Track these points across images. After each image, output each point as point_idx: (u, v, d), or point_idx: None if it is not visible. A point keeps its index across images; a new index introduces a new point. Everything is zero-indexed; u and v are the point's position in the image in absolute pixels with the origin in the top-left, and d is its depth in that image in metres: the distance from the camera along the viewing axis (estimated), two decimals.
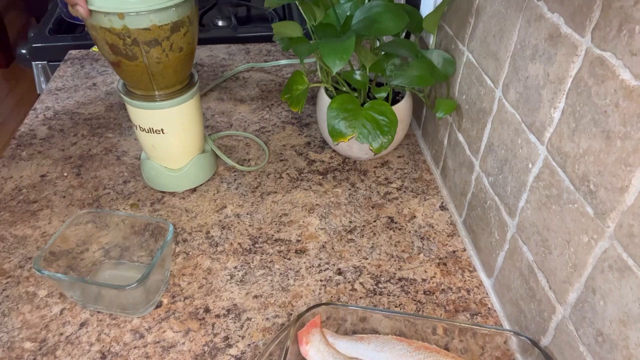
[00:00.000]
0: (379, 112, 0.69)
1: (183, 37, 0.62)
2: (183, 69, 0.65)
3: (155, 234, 0.60)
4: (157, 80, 0.64)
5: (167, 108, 0.67)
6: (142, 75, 0.63)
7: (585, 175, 0.42)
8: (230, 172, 0.79)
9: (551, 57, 0.46)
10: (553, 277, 0.48)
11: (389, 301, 0.60)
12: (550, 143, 0.47)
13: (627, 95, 0.37)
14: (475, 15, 0.62)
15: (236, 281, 0.62)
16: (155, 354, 0.54)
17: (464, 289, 0.62)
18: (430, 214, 0.72)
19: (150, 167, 0.74)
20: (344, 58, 0.60)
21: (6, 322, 0.57)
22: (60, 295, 0.60)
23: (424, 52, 0.70)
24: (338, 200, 0.74)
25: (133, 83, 0.65)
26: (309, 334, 0.51)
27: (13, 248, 0.66)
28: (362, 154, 0.79)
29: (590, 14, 0.41)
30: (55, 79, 1.03)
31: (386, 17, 0.66)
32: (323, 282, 0.62)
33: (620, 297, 0.39)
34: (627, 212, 0.38)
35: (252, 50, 1.14)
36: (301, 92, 0.73)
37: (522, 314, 0.54)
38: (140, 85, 0.65)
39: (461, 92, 0.68)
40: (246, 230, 0.69)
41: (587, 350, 0.43)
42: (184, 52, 0.63)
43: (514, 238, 0.55)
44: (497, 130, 0.58)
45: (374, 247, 0.67)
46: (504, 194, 0.57)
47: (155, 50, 0.61)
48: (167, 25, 0.59)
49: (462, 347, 0.51)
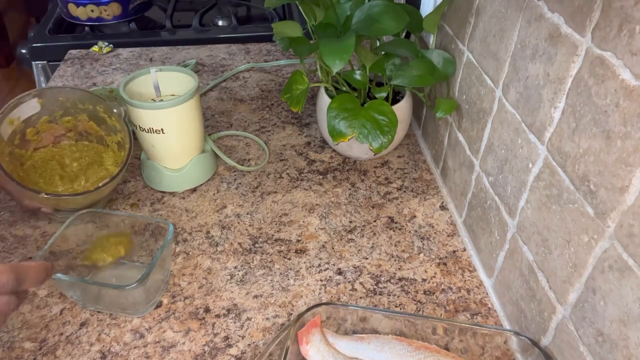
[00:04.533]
0: (379, 112, 0.69)
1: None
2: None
3: (155, 234, 0.60)
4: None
5: (167, 108, 0.67)
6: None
7: (585, 175, 0.42)
8: (230, 172, 0.79)
9: (551, 57, 0.46)
10: (553, 277, 0.48)
11: (389, 301, 0.60)
12: (551, 143, 0.47)
13: (628, 95, 0.37)
14: (476, 15, 0.62)
15: (236, 281, 0.62)
16: (155, 353, 0.54)
17: (464, 289, 0.62)
18: (431, 214, 0.72)
19: (150, 167, 0.74)
20: (344, 58, 0.60)
21: (6, 322, 0.57)
22: (60, 295, 0.60)
23: (424, 52, 0.70)
24: (338, 200, 0.74)
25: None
26: (309, 333, 0.51)
27: (13, 248, 0.66)
28: (362, 154, 0.79)
29: (590, 13, 0.41)
30: (55, 79, 1.03)
31: (386, 17, 0.66)
32: (323, 282, 0.62)
33: (620, 297, 0.39)
34: (627, 212, 0.38)
35: (252, 50, 1.14)
36: (301, 92, 0.73)
37: (522, 314, 0.54)
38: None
39: (461, 92, 0.68)
40: (246, 230, 0.69)
41: (588, 350, 0.43)
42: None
43: (514, 238, 0.55)
44: (497, 130, 0.58)
45: (374, 247, 0.67)
46: (504, 193, 0.57)
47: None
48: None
49: (462, 347, 0.51)
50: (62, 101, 0.68)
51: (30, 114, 0.66)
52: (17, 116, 0.65)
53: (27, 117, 0.66)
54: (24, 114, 0.65)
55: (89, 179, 0.68)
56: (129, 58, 1.10)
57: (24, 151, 0.67)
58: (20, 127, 0.66)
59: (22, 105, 0.65)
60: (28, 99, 0.65)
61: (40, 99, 0.66)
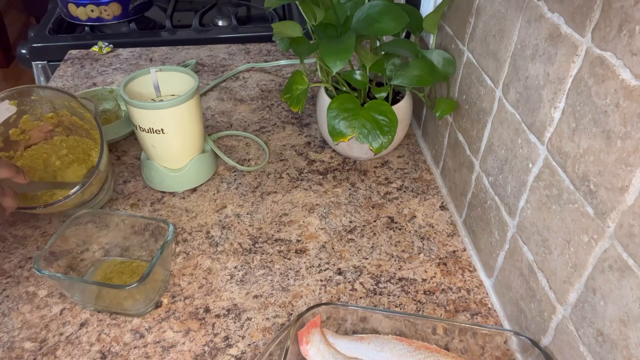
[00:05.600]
0: (379, 112, 0.69)
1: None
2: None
3: (155, 234, 0.60)
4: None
5: (167, 108, 0.67)
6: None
7: (585, 175, 0.42)
8: (230, 172, 0.79)
9: (551, 57, 0.46)
10: (553, 277, 0.48)
11: (389, 301, 0.60)
12: (551, 143, 0.47)
13: (628, 95, 0.37)
14: (476, 15, 0.62)
15: (236, 281, 0.62)
16: (155, 354, 0.54)
17: (464, 289, 0.62)
18: (431, 214, 0.72)
19: (150, 167, 0.74)
20: (344, 58, 0.60)
21: (6, 322, 0.57)
22: (60, 295, 0.60)
23: (424, 52, 0.70)
24: (338, 200, 0.74)
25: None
26: (309, 334, 0.51)
27: (13, 248, 0.66)
28: (362, 154, 0.79)
29: (590, 13, 0.41)
30: (55, 79, 1.03)
31: (386, 17, 0.66)
32: (323, 282, 0.62)
33: (620, 297, 0.39)
34: (628, 212, 0.38)
35: (252, 50, 1.14)
36: (301, 92, 0.73)
37: (522, 314, 0.54)
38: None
39: (461, 92, 0.68)
40: (246, 230, 0.69)
41: (588, 350, 0.43)
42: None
43: (514, 238, 0.55)
44: (497, 130, 0.58)
45: (374, 247, 0.67)
46: (504, 193, 0.57)
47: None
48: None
49: (462, 347, 0.51)
50: (36, 99, 0.67)
51: (7, 116, 0.66)
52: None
53: (4, 119, 0.65)
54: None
55: (65, 179, 0.68)
56: (129, 58, 1.10)
57: (12, 152, 0.67)
58: (0, 130, 0.65)
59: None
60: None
61: (11, 100, 0.65)
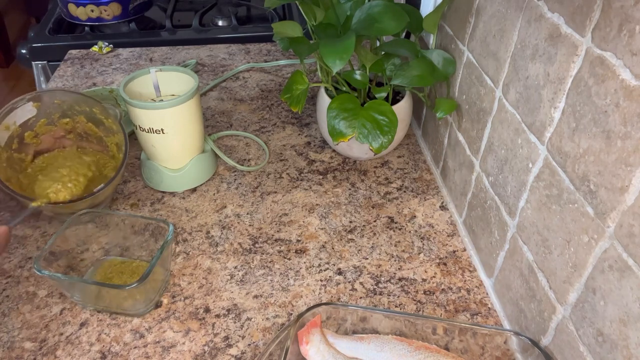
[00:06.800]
0: (379, 112, 0.69)
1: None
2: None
3: (155, 234, 0.60)
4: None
5: (167, 108, 0.67)
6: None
7: (585, 175, 0.42)
8: (230, 172, 0.79)
9: (551, 57, 0.46)
10: (553, 277, 0.48)
11: (389, 301, 0.60)
12: (551, 143, 0.47)
13: (628, 95, 0.37)
14: (476, 15, 0.62)
15: (236, 281, 0.62)
16: (155, 354, 0.54)
17: (464, 289, 0.62)
18: (431, 214, 0.72)
19: (150, 167, 0.74)
20: (344, 58, 0.60)
21: (6, 322, 0.57)
22: (60, 295, 0.60)
23: (424, 52, 0.70)
24: (338, 200, 0.74)
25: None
26: (309, 334, 0.51)
27: (13, 248, 0.66)
28: (362, 154, 0.79)
29: (590, 13, 0.41)
30: (55, 79, 1.03)
31: (386, 17, 0.66)
32: (323, 282, 0.62)
33: (620, 297, 0.39)
34: (627, 212, 0.38)
35: (252, 50, 1.14)
36: (301, 92, 0.73)
37: (522, 314, 0.54)
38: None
39: (461, 92, 0.68)
40: (246, 230, 0.69)
41: (587, 350, 0.43)
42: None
43: (514, 238, 0.55)
44: (497, 130, 0.58)
45: (374, 247, 0.67)
46: (504, 193, 0.57)
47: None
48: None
49: (462, 347, 0.51)
50: (59, 104, 0.67)
51: (27, 118, 0.66)
52: (13, 121, 0.65)
53: (23, 121, 0.66)
54: (19, 119, 0.65)
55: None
56: (129, 58, 1.10)
57: (23, 155, 0.67)
58: (18, 132, 0.65)
59: (17, 110, 0.64)
60: (22, 104, 0.64)
61: (35, 102, 0.65)
